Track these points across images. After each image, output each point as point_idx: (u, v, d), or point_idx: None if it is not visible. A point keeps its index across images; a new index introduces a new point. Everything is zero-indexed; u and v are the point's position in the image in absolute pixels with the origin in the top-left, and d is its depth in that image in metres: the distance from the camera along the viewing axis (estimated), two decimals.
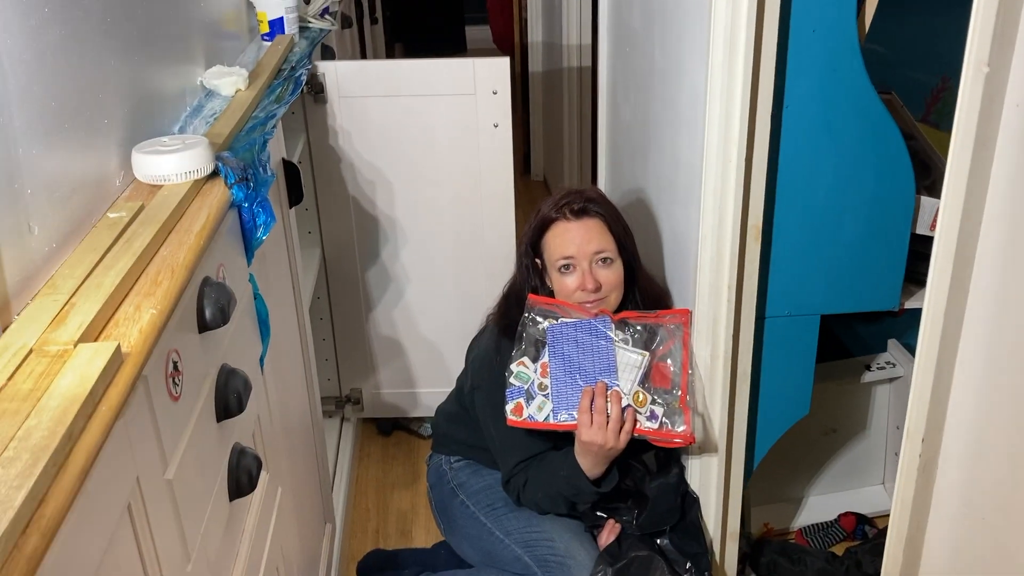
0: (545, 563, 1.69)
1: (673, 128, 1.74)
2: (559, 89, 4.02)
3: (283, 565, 1.32)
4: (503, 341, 1.74)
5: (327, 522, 1.92)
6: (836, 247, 1.63)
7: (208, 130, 1.32)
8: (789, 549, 1.99)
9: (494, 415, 1.69)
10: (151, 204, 1.06)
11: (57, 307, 0.83)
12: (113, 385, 0.73)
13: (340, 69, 2.10)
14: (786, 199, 1.59)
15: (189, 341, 0.96)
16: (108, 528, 0.71)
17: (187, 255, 0.96)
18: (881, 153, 1.59)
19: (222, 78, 1.51)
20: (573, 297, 1.70)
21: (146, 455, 0.81)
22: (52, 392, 0.70)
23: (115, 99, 1.12)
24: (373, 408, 2.50)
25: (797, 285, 1.65)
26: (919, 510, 0.93)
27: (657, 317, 1.68)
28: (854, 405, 2.14)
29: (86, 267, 0.90)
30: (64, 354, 0.75)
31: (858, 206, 1.61)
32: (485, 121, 2.15)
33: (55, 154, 0.94)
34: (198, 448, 0.95)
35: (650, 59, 1.87)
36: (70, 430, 0.65)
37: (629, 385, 1.61)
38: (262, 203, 1.21)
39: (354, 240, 2.28)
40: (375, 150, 2.18)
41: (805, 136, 1.55)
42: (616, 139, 2.28)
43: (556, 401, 1.61)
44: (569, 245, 1.70)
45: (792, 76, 1.50)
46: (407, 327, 2.39)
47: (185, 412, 0.92)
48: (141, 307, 0.86)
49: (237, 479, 1.06)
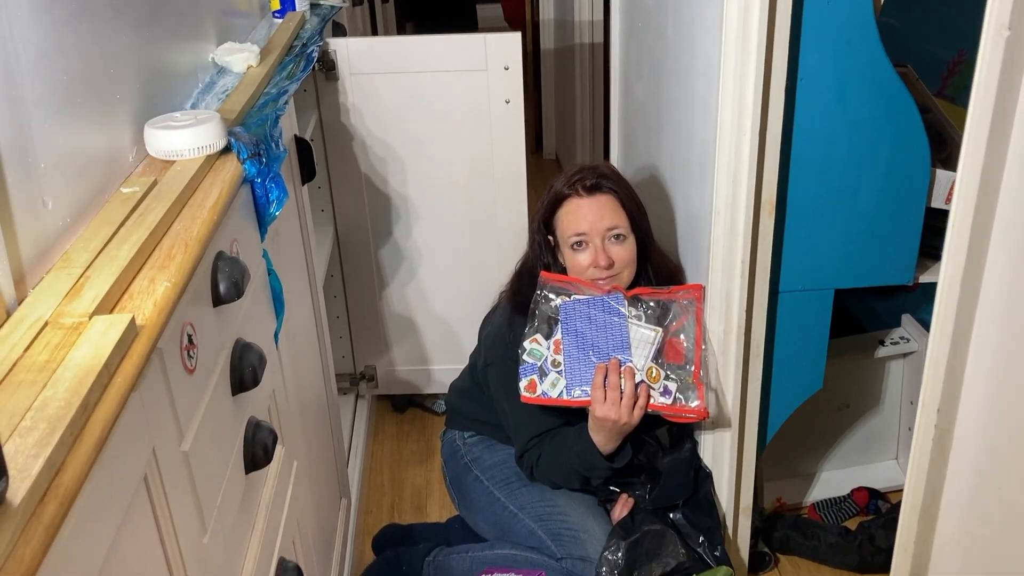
0: (558, 537, 1.70)
1: (687, 104, 1.72)
2: (571, 67, 3.99)
3: (299, 538, 1.33)
4: (516, 318, 1.74)
5: (342, 497, 1.93)
6: (850, 221, 1.62)
7: (220, 106, 1.32)
8: (802, 524, 1.99)
9: (507, 391, 1.70)
10: (164, 179, 1.06)
11: (72, 280, 0.83)
12: (128, 357, 0.74)
13: (351, 46, 2.09)
14: (800, 173, 1.58)
15: (204, 315, 0.97)
16: (125, 498, 0.72)
17: (200, 229, 0.96)
18: (896, 126, 1.57)
19: (233, 55, 1.51)
20: (586, 274, 1.70)
21: (162, 427, 0.82)
22: (68, 363, 0.70)
23: (127, 75, 1.12)
24: (387, 385, 2.51)
25: (811, 259, 1.64)
26: (934, 481, 0.93)
27: (670, 293, 1.68)
28: (868, 380, 2.13)
29: (100, 241, 0.90)
30: (79, 326, 0.76)
31: (873, 180, 1.60)
32: (497, 98, 2.14)
33: (67, 129, 0.94)
34: (214, 421, 0.95)
35: (663, 35, 1.85)
36: (86, 401, 0.66)
37: (642, 361, 1.61)
38: (275, 179, 1.21)
39: (367, 218, 2.28)
40: (387, 127, 2.18)
41: (819, 110, 1.53)
42: (629, 116, 2.27)
43: (569, 377, 1.62)
44: (582, 222, 1.69)
45: (806, 49, 1.49)
46: (420, 304, 2.40)
47: (200, 385, 0.93)
48: (155, 280, 0.86)
49: (253, 452, 1.06)
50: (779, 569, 1.97)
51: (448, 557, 1.86)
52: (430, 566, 1.87)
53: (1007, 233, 0.83)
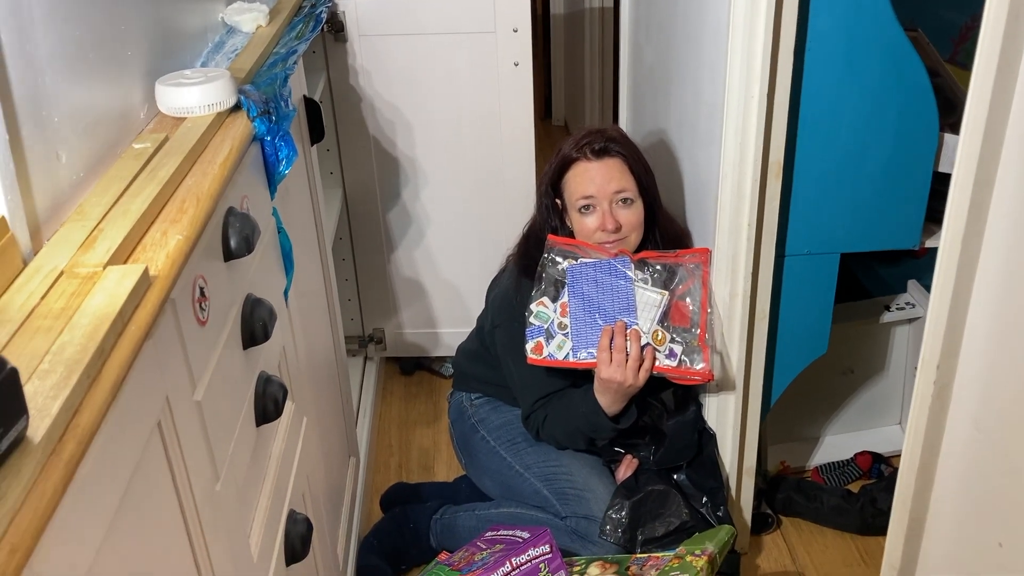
0: (563, 496, 1.73)
1: (695, 67, 1.72)
2: (580, 31, 3.97)
3: (309, 492, 1.36)
4: (523, 281, 1.75)
5: (351, 456, 1.96)
6: (857, 185, 1.62)
7: (230, 65, 1.33)
8: (805, 486, 2.01)
9: (514, 353, 1.71)
10: (175, 135, 1.07)
11: (86, 232, 0.85)
12: (142, 306, 0.75)
13: (360, 7, 2.09)
14: (808, 136, 1.58)
15: (215, 269, 0.98)
16: (140, 441, 0.74)
17: (211, 184, 0.98)
18: (905, 89, 1.57)
19: (243, 14, 1.52)
20: (593, 237, 1.71)
21: (175, 376, 0.83)
22: (83, 311, 0.72)
23: (137, 32, 1.13)
24: (395, 348, 2.53)
25: (817, 223, 1.65)
26: (932, 436, 0.94)
27: (676, 256, 1.69)
28: (873, 345, 2.14)
29: (113, 195, 0.92)
30: (94, 276, 0.77)
31: (880, 143, 1.60)
32: (505, 60, 2.13)
33: (80, 85, 0.95)
34: (225, 373, 0.97)
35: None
36: (101, 346, 0.67)
37: (648, 324, 1.62)
38: (284, 137, 1.22)
39: (375, 181, 2.29)
40: (395, 89, 2.18)
41: (828, 73, 1.53)
42: (638, 80, 2.26)
43: (576, 340, 1.63)
44: (589, 185, 1.70)
45: (815, 11, 1.48)
46: (428, 268, 2.41)
47: (212, 337, 0.95)
48: (168, 233, 0.87)
49: (263, 406, 1.08)
50: (781, 530, 1.99)
51: (455, 515, 1.89)
52: (437, 523, 1.90)
53: (1008, 192, 0.84)
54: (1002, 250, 0.85)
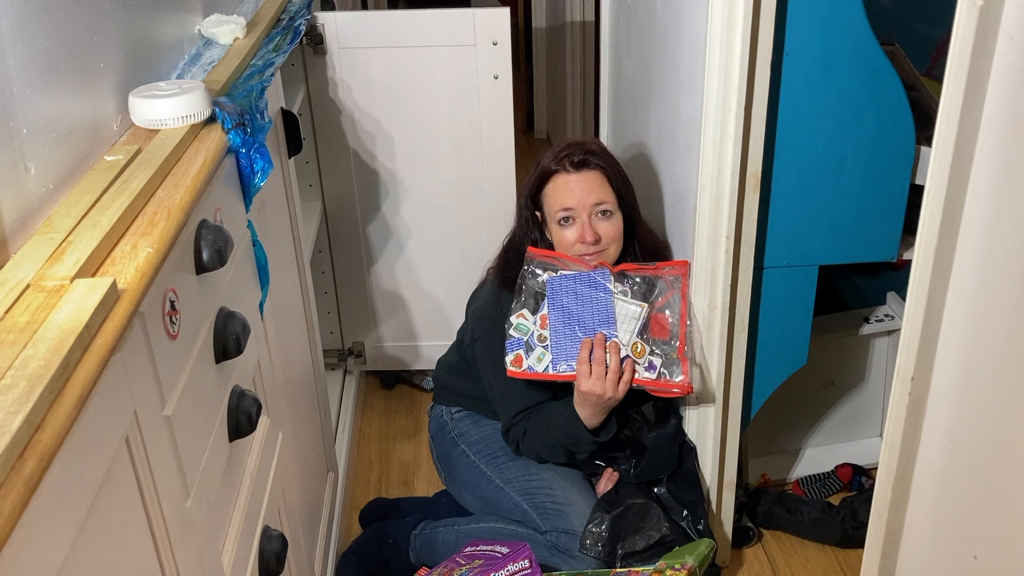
0: (543, 510, 1.72)
1: (674, 79, 1.73)
2: (562, 45, 3.98)
3: (284, 508, 1.34)
4: (503, 293, 1.75)
5: (330, 471, 1.94)
6: (835, 197, 1.63)
7: (206, 77, 1.32)
8: (786, 499, 2.01)
9: (494, 366, 1.71)
10: (148, 147, 1.06)
11: (54, 245, 0.83)
12: (109, 319, 0.74)
13: (340, 20, 2.09)
14: (785, 148, 1.58)
15: (187, 282, 0.97)
16: (106, 457, 0.73)
17: (184, 197, 0.97)
18: (882, 102, 1.58)
19: (220, 26, 1.51)
20: (573, 249, 1.71)
21: (144, 390, 0.82)
22: (48, 324, 0.71)
23: (111, 44, 1.12)
24: (375, 361, 2.52)
25: (795, 235, 1.65)
26: (908, 448, 0.94)
27: (656, 269, 1.69)
28: (852, 357, 2.15)
29: (83, 207, 0.91)
30: (61, 289, 0.76)
31: (858, 156, 1.61)
32: (485, 73, 2.14)
33: (50, 95, 0.94)
34: (197, 387, 0.96)
35: (652, 9, 1.85)
36: (66, 360, 0.66)
37: (628, 336, 1.62)
38: (259, 149, 1.21)
39: (355, 193, 2.28)
40: (375, 102, 2.17)
41: (805, 85, 1.54)
42: (618, 93, 2.27)
43: (555, 352, 1.63)
44: (569, 197, 1.70)
45: (792, 23, 1.49)
46: (408, 280, 2.41)
47: (183, 351, 0.93)
48: (138, 246, 0.86)
49: (237, 420, 1.07)
50: (762, 544, 1.99)
51: (434, 531, 1.88)
52: (416, 539, 1.88)
53: (980, 203, 0.84)
54: (975, 262, 0.85)
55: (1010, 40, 0.73)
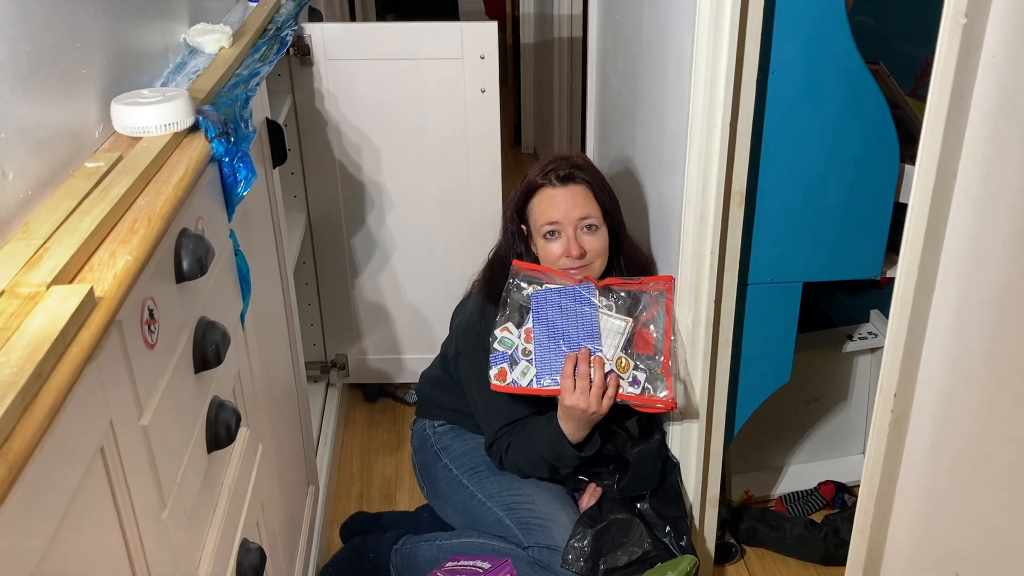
0: (526, 525, 1.70)
1: (660, 95, 1.73)
2: (550, 60, 3.99)
3: (264, 521, 1.33)
4: (487, 307, 1.74)
5: (310, 484, 1.92)
6: (820, 214, 1.64)
7: (190, 85, 1.31)
8: (768, 516, 2.01)
9: (478, 380, 1.70)
10: (129, 155, 1.05)
11: (31, 251, 0.82)
12: (85, 327, 0.73)
13: (327, 31, 2.09)
14: (770, 165, 1.59)
15: (166, 291, 0.96)
16: (80, 468, 0.72)
17: (164, 205, 0.96)
18: (866, 120, 1.59)
19: (206, 35, 1.50)
20: (558, 263, 1.71)
21: (120, 400, 0.81)
22: (23, 331, 0.70)
23: (94, 50, 1.11)
24: (358, 374, 2.50)
25: (780, 252, 1.66)
26: (890, 465, 0.94)
27: (641, 284, 1.69)
28: (836, 374, 2.15)
29: (61, 213, 0.89)
30: (36, 296, 0.75)
31: (842, 173, 1.61)
32: (472, 86, 2.14)
33: (30, 101, 0.93)
34: (175, 397, 0.95)
35: (639, 26, 1.86)
36: (39, 368, 0.65)
37: (612, 351, 1.62)
38: (243, 158, 1.20)
39: (340, 204, 2.28)
40: (361, 114, 2.17)
41: (790, 102, 1.55)
42: (605, 108, 2.27)
43: (540, 366, 1.62)
44: (555, 211, 1.70)
45: (778, 41, 1.50)
46: (393, 293, 2.40)
47: (161, 360, 0.92)
48: (116, 253, 0.85)
49: (215, 431, 1.06)
50: (745, 561, 1.98)
51: (415, 545, 1.86)
52: (397, 554, 1.87)
53: (963, 221, 0.84)
54: (958, 279, 0.85)
55: (993, 58, 0.74)
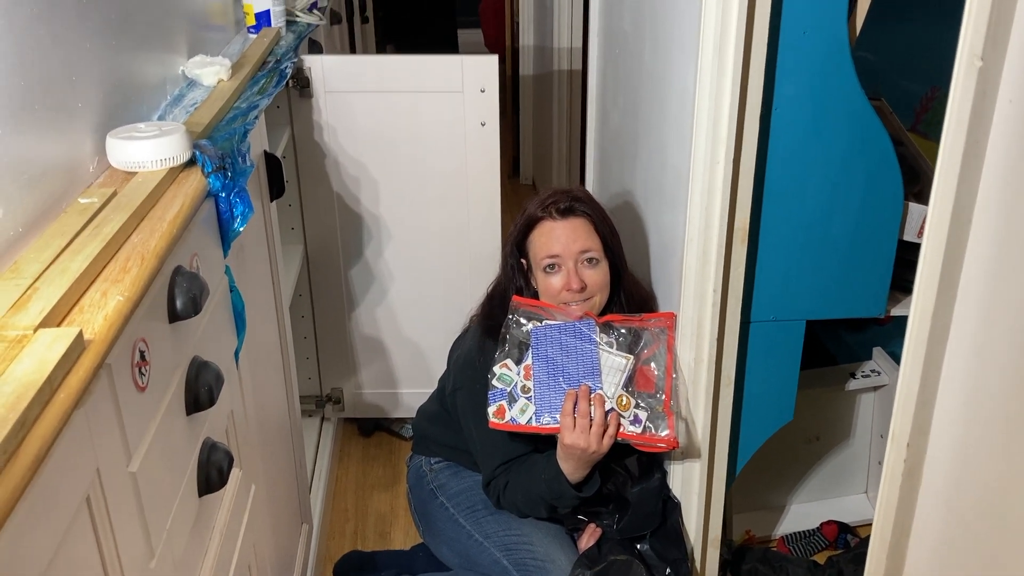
0: (524, 566, 1.67)
1: (661, 130, 1.72)
2: (549, 93, 4.00)
3: (256, 563, 1.29)
4: (486, 342, 1.72)
5: (304, 522, 1.89)
6: (823, 252, 1.62)
7: (187, 118, 1.29)
8: (770, 557, 1.97)
9: (476, 417, 1.67)
10: (124, 191, 1.03)
11: (19, 291, 0.80)
12: (73, 372, 0.71)
13: (327, 63, 2.08)
14: (773, 202, 1.57)
15: (158, 331, 0.93)
16: (64, 519, 0.69)
17: (159, 242, 0.94)
18: (870, 158, 1.57)
19: (204, 67, 1.49)
20: (558, 297, 1.68)
21: (108, 446, 0.78)
22: (7, 378, 0.67)
23: (90, 83, 1.09)
24: (354, 408, 2.47)
25: (783, 290, 1.64)
26: (903, 515, 0.91)
27: (642, 321, 1.67)
28: (838, 413, 2.12)
29: (52, 252, 0.87)
30: (23, 339, 0.73)
31: (846, 210, 1.60)
32: (473, 119, 2.13)
33: (23, 136, 0.91)
34: (165, 441, 0.92)
35: (640, 61, 1.85)
36: (23, 418, 0.63)
37: (613, 389, 1.59)
38: (240, 193, 1.19)
39: (338, 237, 2.26)
40: (361, 146, 2.16)
41: (794, 138, 1.53)
42: (604, 142, 2.26)
43: (539, 404, 1.59)
44: (555, 244, 1.68)
45: (781, 78, 1.49)
46: (390, 327, 2.37)
47: (152, 403, 0.89)
48: (108, 293, 0.83)
49: (207, 474, 1.03)
50: None
51: None
52: None
53: (978, 266, 0.82)
54: (974, 325, 0.83)
55: (1010, 102, 0.72)
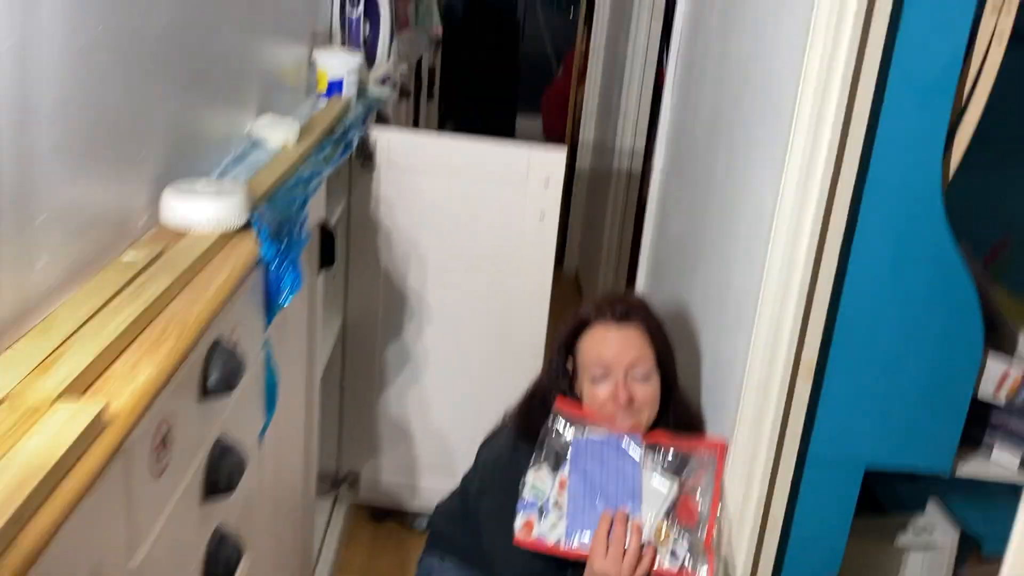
0: None
1: (728, 247, 1.65)
2: (605, 189, 3.97)
3: None
4: (520, 445, 1.62)
5: None
6: (892, 396, 1.51)
7: (249, 179, 1.24)
8: None
9: (499, 525, 1.56)
10: (172, 250, 0.97)
11: (46, 351, 0.73)
12: (87, 456, 0.63)
13: (393, 138, 2.05)
14: (844, 338, 1.48)
15: (186, 408, 0.86)
16: None
17: (201, 312, 0.87)
18: (951, 304, 1.48)
19: (272, 129, 1.45)
20: (604, 408, 1.59)
21: (110, 540, 0.70)
22: (14, 455, 0.60)
23: (155, 133, 1.05)
24: (369, 493, 2.36)
25: (845, 432, 1.53)
26: None
27: (690, 445, 1.56)
28: (883, 569, 1.98)
29: (88, 310, 0.81)
30: (39, 409, 0.65)
31: (920, 355, 1.50)
32: (532, 211, 2.07)
33: (77, 183, 0.85)
34: (174, 532, 0.83)
35: (710, 170, 1.80)
36: (20, 512, 0.54)
37: (652, 516, 1.48)
38: (291, 265, 1.12)
39: (379, 312, 2.19)
40: (415, 224, 2.11)
41: (874, 274, 1.45)
42: (660, 248, 2.20)
43: (571, 521, 1.48)
44: (606, 350, 1.59)
45: (867, 208, 1.42)
46: (419, 412, 2.28)
47: (167, 491, 0.81)
48: (139, 365, 0.76)
49: (214, 570, 0.94)
50: None
51: None
52: None
53: None
54: None
55: None
